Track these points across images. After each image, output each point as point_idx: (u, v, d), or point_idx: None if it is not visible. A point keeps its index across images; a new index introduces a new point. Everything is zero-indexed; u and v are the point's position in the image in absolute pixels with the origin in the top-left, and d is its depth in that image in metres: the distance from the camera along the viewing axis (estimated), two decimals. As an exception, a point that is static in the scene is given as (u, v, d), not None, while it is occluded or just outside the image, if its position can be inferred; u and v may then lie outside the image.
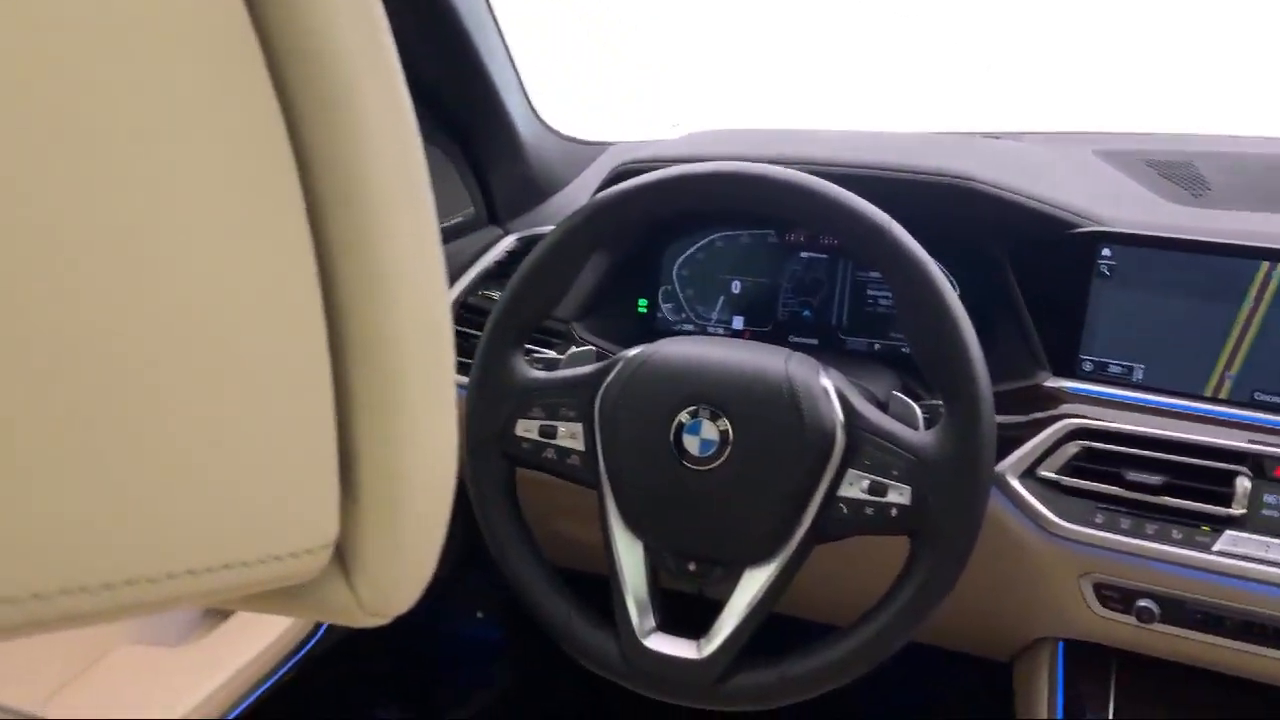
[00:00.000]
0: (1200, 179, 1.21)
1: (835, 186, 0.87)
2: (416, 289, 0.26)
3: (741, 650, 0.89)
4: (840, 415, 0.88)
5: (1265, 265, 1.01)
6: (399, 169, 0.26)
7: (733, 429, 0.88)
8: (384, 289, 0.26)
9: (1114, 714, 1.06)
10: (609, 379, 0.93)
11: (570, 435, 0.95)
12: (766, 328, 1.26)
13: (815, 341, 1.24)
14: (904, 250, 0.85)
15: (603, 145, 1.58)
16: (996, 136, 1.41)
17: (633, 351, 0.95)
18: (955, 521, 0.84)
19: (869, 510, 0.87)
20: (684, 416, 0.89)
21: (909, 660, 1.66)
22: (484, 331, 0.97)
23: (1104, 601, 1.05)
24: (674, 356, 0.92)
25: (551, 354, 1.07)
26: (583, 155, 1.56)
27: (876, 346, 1.22)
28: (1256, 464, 0.99)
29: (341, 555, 0.28)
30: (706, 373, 0.90)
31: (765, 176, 0.87)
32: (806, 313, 1.24)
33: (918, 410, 0.93)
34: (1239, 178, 1.24)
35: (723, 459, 0.88)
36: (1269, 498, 0.98)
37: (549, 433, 0.95)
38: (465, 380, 0.99)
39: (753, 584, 0.89)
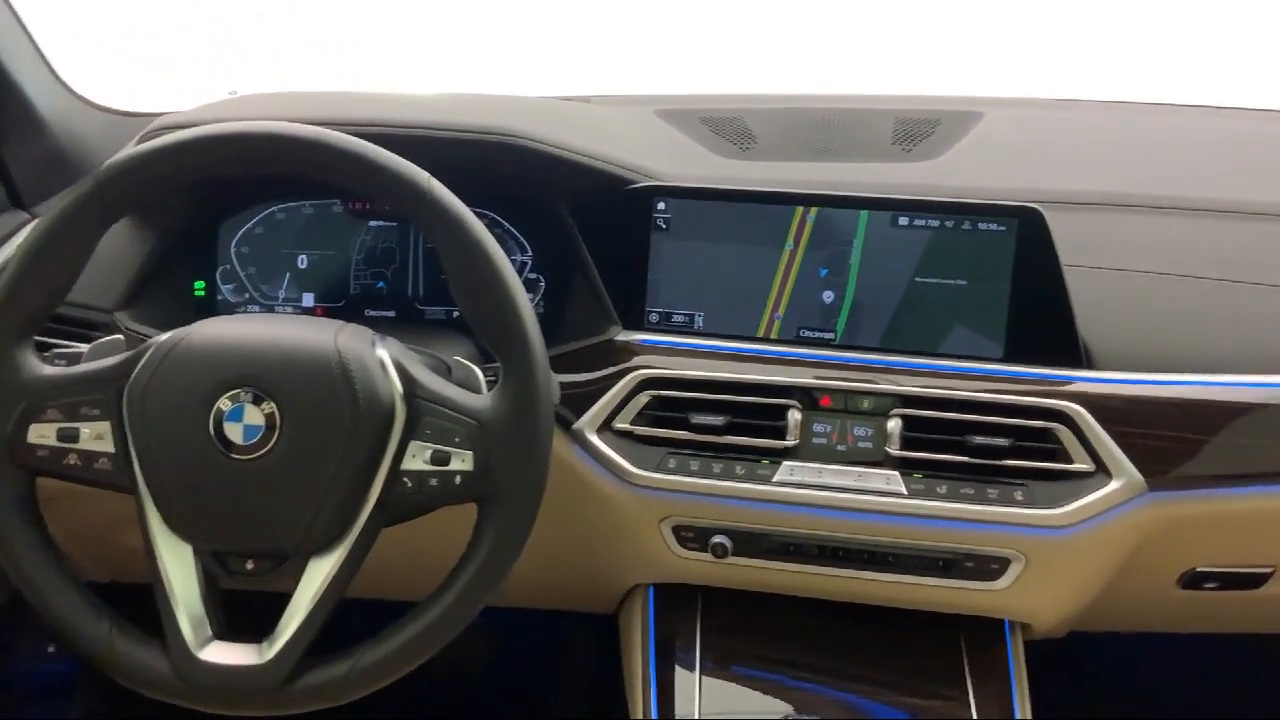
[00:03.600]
0: (749, 133, 1.28)
1: (368, 144, 0.82)
2: None
3: (311, 646, 0.84)
4: (399, 386, 0.84)
5: (800, 210, 1.08)
6: None
7: (279, 411, 0.81)
8: None
9: (700, 648, 1.11)
10: (137, 370, 0.83)
11: (96, 436, 0.84)
12: (340, 303, 1.19)
13: (393, 313, 1.19)
14: (444, 209, 0.82)
15: (154, 116, 1.43)
16: (567, 99, 1.42)
17: (164, 336, 0.85)
18: (518, 482, 0.83)
19: (434, 481, 0.83)
20: (224, 403, 0.81)
21: (526, 625, 1.67)
22: None
23: (683, 542, 1.08)
24: (210, 338, 0.84)
25: (79, 347, 0.94)
26: (133, 129, 1.41)
27: (455, 314, 1.19)
28: (806, 396, 1.05)
29: None
30: (246, 353, 0.83)
31: (285, 135, 0.81)
32: (381, 284, 1.19)
33: (480, 374, 0.91)
34: (783, 131, 1.32)
35: (271, 445, 0.81)
36: (817, 426, 1.05)
37: (70, 436, 0.84)
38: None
39: (318, 574, 0.83)
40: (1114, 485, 0.99)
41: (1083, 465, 1.00)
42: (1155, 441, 1.00)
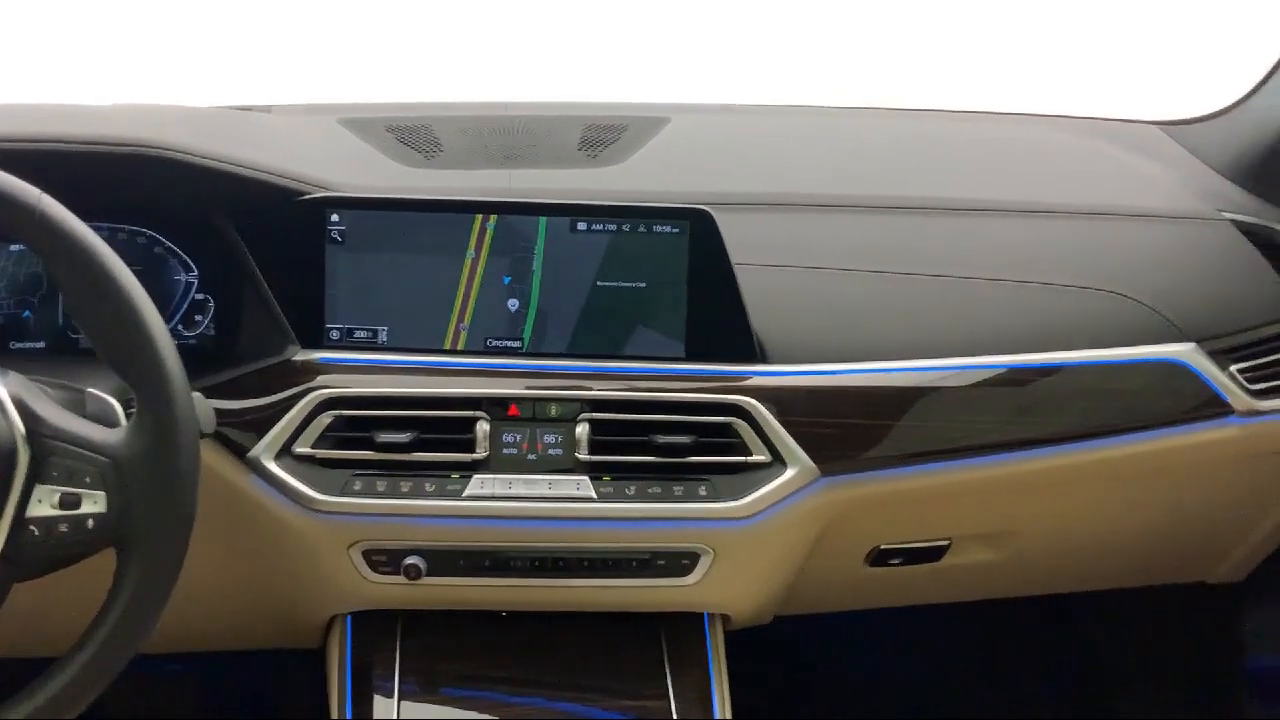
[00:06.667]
0: (435, 141, 1.26)
1: None
2: None
3: None
4: (20, 425, 0.76)
5: (479, 218, 1.06)
6: None
7: None
8: None
9: (400, 674, 1.07)
10: None
11: None
12: None
13: (42, 344, 1.09)
14: (56, 228, 0.75)
15: None
16: (245, 109, 1.34)
17: None
18: (157, 522, 0.77)
19: (63, 527, 0.76)
20: None
21: (232, 669, 1.58)
22: None
23: (375, 567, 1.04)
24: None
25: None
26: None
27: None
28: (494, 406, 1.03)
29: None
30: None
31: None
32: (27, 313, 1.08)
33: (117, 406, 0.83)
34: (471, 139, 1.31)
35: None
36: (507, 436, 1.03)
37: None
38: None
39: None
40: (789, 473, 1.02)
41: (760, 456, 1.03)
42: (825, 429, 1.04)
